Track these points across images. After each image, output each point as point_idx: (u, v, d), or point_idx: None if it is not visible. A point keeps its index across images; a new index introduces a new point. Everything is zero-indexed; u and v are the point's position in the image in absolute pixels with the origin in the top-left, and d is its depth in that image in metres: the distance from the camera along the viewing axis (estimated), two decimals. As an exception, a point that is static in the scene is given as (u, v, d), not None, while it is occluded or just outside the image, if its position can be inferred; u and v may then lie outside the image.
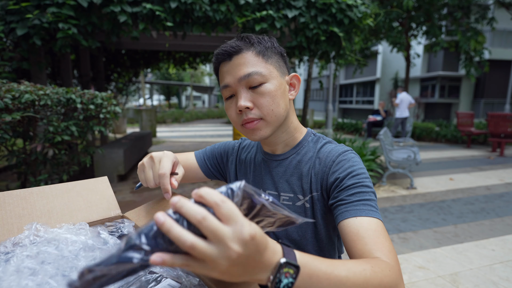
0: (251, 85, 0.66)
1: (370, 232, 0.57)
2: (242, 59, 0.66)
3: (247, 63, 0.66)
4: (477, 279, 2.15)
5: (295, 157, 0.75)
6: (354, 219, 0.59)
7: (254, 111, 0.67)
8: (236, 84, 0.67)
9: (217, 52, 0.69)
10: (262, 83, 0.66)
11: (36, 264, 0.51)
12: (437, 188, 4.41)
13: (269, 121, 0.68)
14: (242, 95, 0.66)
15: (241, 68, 0.66)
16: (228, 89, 0.68)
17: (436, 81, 15.54)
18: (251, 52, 0.67)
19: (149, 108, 15.11)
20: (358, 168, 0.66)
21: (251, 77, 0.65)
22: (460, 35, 8.49)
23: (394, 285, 0.49)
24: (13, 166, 3.05)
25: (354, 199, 0.62)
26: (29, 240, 0.58)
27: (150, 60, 7.62)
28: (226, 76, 0.68)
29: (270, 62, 0.69)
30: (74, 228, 0.65)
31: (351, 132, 11.37)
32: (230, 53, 0.67)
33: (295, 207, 0.72)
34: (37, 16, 2.92)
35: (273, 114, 0.67)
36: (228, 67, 0.67)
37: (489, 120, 7.43)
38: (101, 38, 4.37)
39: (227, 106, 0.71)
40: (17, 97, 2.28)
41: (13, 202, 0.70)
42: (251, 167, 0.84)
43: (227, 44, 0.68)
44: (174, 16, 3.38)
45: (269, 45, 0.70)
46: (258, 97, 0.66)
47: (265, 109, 0.66)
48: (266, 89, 0.66)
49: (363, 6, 3.99)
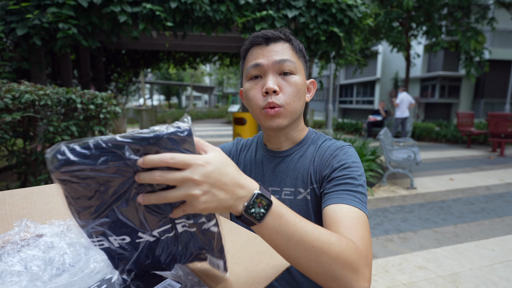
0: (282, 71, 0.69)
1: (347, 219, 0.57)
2: (279, 47, 0.70)
3: (283, 52, 0.69)
4: (477, 279, 2.15)
5: (298, 153, 0.77)
6: (334, 205, 0.61)
7: (279, 96, 0.68)
8: (269, 66, 0.68)
9: (254, 35, 0.71)
10: (293, 73, 0.70)
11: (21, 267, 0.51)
12: (437, 188, 4.41)
13: (289, 110, 0.70)
14: (271, 78, 0.68)
15: (277, 53, 0.69)
16: (257, 69, 0.70)
17: (436, 81, 15.53)
18: (287, 44, 0.71)
19: (149, 108, 15.11)
20: (351, 162, 0.68)
21: (285, 63, 0.68)
22: (460, 35, 8.49)
23: (355, 264, 0.48)
24: (13, 166, 3.05)
25: (339, 189, 0.64)
26: (19, 237, 0.58)
27: (150, 60, 7.62)
28: (259, 57, 0.70)
29: (300, 60, 0.73)
30: (64, 224, 0.65)
31: (351, 132, 11.37)
32: (268, 38, 0.70)
33: (297, 201, 0.73)
34: (37, 16, 2.92)
35: (294, 105, 0.70)
36: (264, 50, 0.70)
37: (489, 120, 7.43)
38: (101, 38, 4.37)
39: (249, 86, 0.72)
40: (17, 97, 2.28)
41: (13, 202, 0.70)
42: (251, 166, 0.84)
43: (267, 31, 0.71)
44: (174, 16, 3.38)
45: (301, 47, 0.75)
46: (285, 84, 0.69)
47: (288, 98, 0.69)
48: (294, 80, 0.69)
49: (363, 6, 3.99)
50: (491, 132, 7.43)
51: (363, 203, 0.62)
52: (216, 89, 34.02)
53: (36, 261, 0.52)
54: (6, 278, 0.47)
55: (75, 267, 0.51)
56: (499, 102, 15.01)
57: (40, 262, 0.52)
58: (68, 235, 0.61)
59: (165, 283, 0.49)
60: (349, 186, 0.64)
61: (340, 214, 0.58)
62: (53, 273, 0.50)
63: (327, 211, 0.61)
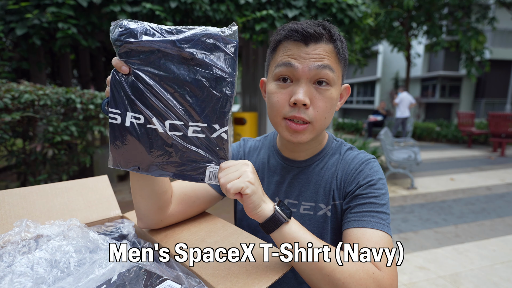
0: (318, 79, 0.59)
1: (370, 244, 0.54)
2: (320, 49, 0.58)
3: (325, 55, 0.58)
4: (478, 280, 2.14)
5: (318, 164, 0.70)
6: (358, 229, 0.57)
7: (309, 111, 0.59)
8: (304, 72, 0.58)
9: (293, 27, 0.59)
10: (329, 83, 0.60)
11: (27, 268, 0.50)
12: (437, 188, 4.41)
13: (317, 127, 0.61)
14: (304, 88, 0.58)
15: (317, 57, 0.58)
16: (289, 70, 0.59)
17: (436, 81, 15.53)
18: (331, 45, 0.59)
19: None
20: (378, 179, 0.63)
21: (324, 70, 0.58)
22: (461, 34, 8.49)
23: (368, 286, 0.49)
24: (12, 166, 3.05)
25: (363, 209, 0.59)
26: (20, 237, 0.58)
27: (150, 60, 7.61)
28: (294, 56, 0.59)
29: (341, 65, 0.62)
30: (65, 224, 0.64)
31: (351, 132, 11.36)
32: (308, 37, 0.58)
33: (317, 217, 0.68)
34: (36, 16, 2.92)
35: (324, 122, 0.62)
36: (301, 50, 0.58)
37: (490, 120, 7.42)
38: (101, 38, 4.36)
39: (275, 89, 0.61)
40: (16, 97, 2.28)
41: (13, 201, 0.69)
42: (264, 172, 0.76)
43: (308, 25, 0.58)
44: (174, 16, 3.37)
45: (344, 48, 0.62)
46: (319, 97, 0.59)
47: (320, 114, 0.60)
48: (329, 94, 0.60)
49: (364, 6, 3.99)
50: (492, 132, 7.42)
51: (387, 224, 0.58)
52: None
53: (43, 264, 0.51)
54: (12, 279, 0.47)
55: (80, 270, 0.51)
56: (499, 102, 15.01)
57: (47, 265, 0.51)
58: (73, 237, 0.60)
59: (165, 284, 0.49)
60: (373, 207, 0.59)
61: (363, 240, 0.55)
62: (58, 276, 0.50)
63: (349, 234, 0.58)
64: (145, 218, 0.66)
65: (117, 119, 0.50)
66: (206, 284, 0.50)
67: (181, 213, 0.70)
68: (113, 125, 0.51)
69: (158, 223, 0.67)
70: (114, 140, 0.52)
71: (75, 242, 0.58)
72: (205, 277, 0.51)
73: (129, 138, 0.51)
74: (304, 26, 0.58)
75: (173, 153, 0.51)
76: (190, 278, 0.51)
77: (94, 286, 0.48)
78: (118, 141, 0.52)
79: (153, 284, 0.49)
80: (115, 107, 0.50)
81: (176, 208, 0.68)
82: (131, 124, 0.51)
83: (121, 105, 0.50)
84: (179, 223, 0.71)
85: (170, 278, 0.50)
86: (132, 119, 0.50)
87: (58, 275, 0.50)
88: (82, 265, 0.53)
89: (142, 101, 0.50)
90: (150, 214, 0.65)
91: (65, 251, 0.55)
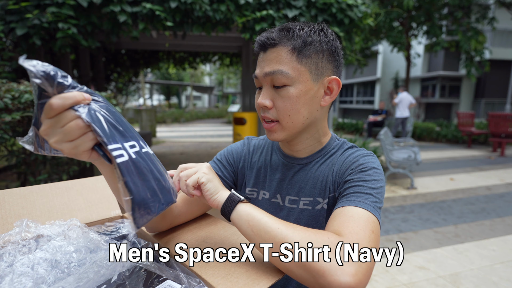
0: (274, 84, 0.63)
1: (343, 217, 0.53)
2: (274, 53, 0.62)
3: (277, 60, 0.62)
4: (478, 280, 2.15)
5: (319, 161, 0.72)
6: (340, 208, 0.56)
7: (272, 111, 0.65)
8: (262, 79, 0.64)
9: (257, 40, 0.66)
10: (286, 85, 0.62)
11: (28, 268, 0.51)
12: (437, 188, 4.41)
13: (284, 126, 0.65)
14: (264, 92, 0.65)
15: (270, 63, 0.63)
16: (256, 80, 0.67)
17: (436, 81, 15.52)
18: (286, 47, 0.62)
19: (149, 108, 15.11)
20: (370, 167, 0.62)
21: (274, 75, 0.62)
22: (461, 35, 8.49)
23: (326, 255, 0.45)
24: (13, 166, 3.05)
25: (350, 192, 0.59)
26: (20, 237, 0.58)
27: (150, 60, 7.61)
28: (258, 67, 0.66)
29: (304, 63, 0.62)
30: (65, 224, 0.65)
31: (351, 132, 11.36)
32: (265, 45, 0.64)
33: (315, 211, 0.69)
34: (36, 16, 2.92)
35: (290, 120, 0.64)
36: (261, 59, 0.65)
37: (489, 120, 7.42)
38: (101, 38, 4.36)
39: (256, 97, 0.69)
40: (16, 97, 2.28)
41: (13, 201, 0.69)
42: (266, 170, 0.77)
43: (267, 34, 0.64)
44: (174, 16, 3.37)
45: (313, 40, 0.62)
46: (278, 98, 0.63)
47: (281, 113, 0.64)
48: (287, 93, 0.62)
49: (364, 6, 3.98)
50: (492, 132, 7.43)
51: (372, 204, 0.55)
52: (216, 89, 34.02)
53: (43, 264, 0.51)
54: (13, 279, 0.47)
55: (80, 270, 0.51)
56: (499, 102, 15.01)
57: (47, 265, 0.51)
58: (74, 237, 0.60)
59: (165, 284, 0.49)
60: (360, 189, 0.58)
61: (339, 214, 0.54)
62: (58, 276, 0.50)
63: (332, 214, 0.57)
64: (153, 225, 0.67)
65: (123, 155, 0.43)
66: (206, 284, 0.50)
67: (187, 213, 0.71)
68: (123, 165, 0.43)
69: (167, 226, 0.68)
70: (133, 183, 0.43)
71: (75, 242, 0.58)
72: (205, 277, 0.51)
73: (144, 172, 0.44)
74: (262, 36, 0.64)
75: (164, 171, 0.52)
76: (190, 278, 0.51)
77: (94, 286, 0.48)
78: (136, 182, 0.43)
79: (153, 284, 0.49)
80: (113, 141, 0.43)
81: (182, 209, 0.70)
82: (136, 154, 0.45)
83: (115, 138, 0.43)
84: (179, 224, 0.72)
85: (170, 278, 0.50)
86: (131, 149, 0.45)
87: (58, 275, 0.50)
88: (82, 265, 0.53)
89: (123, 126, 0.45)
90: (158, 222, 0.66)
91: (66, 251, 0.55)
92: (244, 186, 0.80)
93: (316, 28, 0.64)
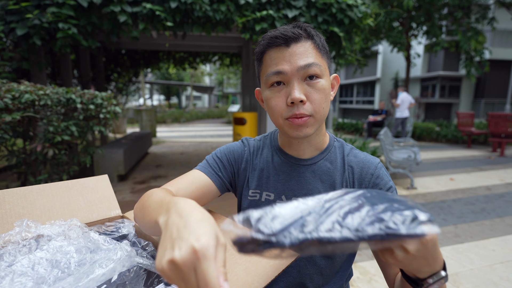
0: (308, 75, 0.63)
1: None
2: (302, 47, 0.62)
3: (307, 53, 0.62)
4: (478, 280, 2.15)
5: (324, 163, 0.72)
6: None
7: (307, 106, 0.63)
8: (294, 73, 0.62)
9: (272, 35, 0.63)
10: (319, 77, 0.63)
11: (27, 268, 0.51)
12: (437, 188, 4.41)
13: (318, 118, 0.65)
14: (297, 86, 0.62)
15: (302, 57, 0.62)
16: (280, 76, 0.63)
17: (436, 81, 15.52)
18: (310, 42, 0.63)
19: (149, 108, 15.11)
20: (393, 184, 0.69)
21: (311, 67, 0.61)
22: (461, 35, 8.49)
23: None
24: (13, 166, 3.05)
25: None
26: (20, 237, 0.58)
27: (150, 60, 7.62)
28: (280, 62, 0.62)
29: (325, 58, 0.66)
30: (65, 224, 0.65)
31: (351, 132, 11.36)
32: (288, 39, 0.62)
33: None
34: (37, 16, 2.92)
35: (323, 112, 0.65)
36: (285, 53, 0.62)
37: (489, 120, 7.42)
38: (101, 38, 4.36)
39: (271, 95, 0.65)
40: (17, 97, 2.28)
41: (13, 201, 0.69)
42: (268, 171, 0.76)
43: (285, 29, 0.63)
44: (174, 16, 3.37)
45: (323, 42, 0.67)
46: (312, 91, 0.63)
47: (317, 105, 0.63)
48: (321, 85, 0.63)
49: (364, 6, 3.99)
50: (492, 132, 7.43)
51: None
52: (216, 89, 34.02)
53: (44, 264, 0.51)
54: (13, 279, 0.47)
55: (80, 270, 0.51)
56: (499, 102, 15.01)
57: (47, 265, 0.52)
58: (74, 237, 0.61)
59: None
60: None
61: None
62: (59, 276, 0.50)
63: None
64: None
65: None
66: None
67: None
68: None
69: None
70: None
71: (76, 242, 0.58)
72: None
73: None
74: (281, 31, 0.63)
75: None
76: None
77: (95, 286, 0.48)
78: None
79: (153, 284, 0.49)
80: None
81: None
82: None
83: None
84: None
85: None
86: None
87: (58, 275, 0.50)
88: (82, 265, 0.53)
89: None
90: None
91: (66, 251, 0.55)
92: (246, 187, 0.79)
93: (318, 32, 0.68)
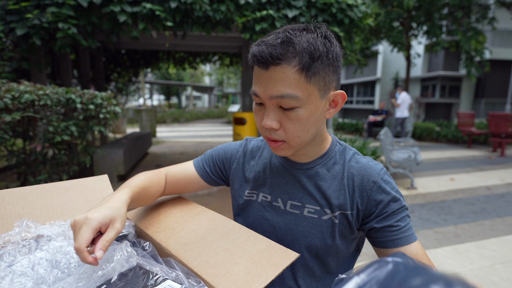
0: (281, 106, 0.57)
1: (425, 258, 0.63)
2: (280, 74, 0.55)
3: (284, 81, 0.55)
4: (478, 280, 2.14)
5: (322, 168, 0.70)
6: (409, 246, 0.63)
7: (279, 132, 0.60)
8: (267, 100, 0.58)
9: (254, 53, 0.56)
10: (295, 107, 0.57)
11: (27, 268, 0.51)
12: (437, 188, 4.41)
13: (293, 145, 0.62)
14: (270, 113, 0.59)
15: (276, 85, 0.55)
16: (257, 98, 0.60)
17: (436, 81, 15.53)
18: (292, 66, 0.54)
19: (149, 108, 15.11)
20: (397, 191, 0.67)
21: (283, 99, 0.56)
22: (461, 35, 8.48)
23: None
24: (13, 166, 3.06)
25: (402, 225, 0.64)
26: (20, 237, 0.58)
27: (150, 60, 7.62)
28: (258, 84, 0.58)
29: (313, 82, 0.56)
30: (65, 224, 0.65)
31: (351, 132, 11.36)
32: (267, 63, 0.55)
33: (321, 221, 0.67)
34: (36, 16, 2.92)
35: (299, 140, 0.61)
36: (263, 76, 0.57)
37: (489, 120, 7.42)
38: (101, 38, 4.36)
39: (255, 110, 0.63)
40: (16, 97, 2.28)
41: (13, 201, 0.69)
42: (266, 173, 0.76)
43: (268, 47, 0.54)
44: (174, 16, 3.37)
45: (320, 53, 0.55)
46: (286, 120, 0.58)
47: (290, 135, 0.60)
48: (297, 115, 0.57)
49: (364, 6, 3.99)
50: (492, 132, 7.42)
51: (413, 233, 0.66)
52: (216, 89, 34.03)
53: (44, 264, 0.51)
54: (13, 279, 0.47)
55: (80, 271, 0.51)
56: (499, 102, 15.01)
57: (47, 265, 0.51)
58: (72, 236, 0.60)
59: (165, 284, 0.49)
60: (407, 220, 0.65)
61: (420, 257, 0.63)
62: (58, 277, 0.50)
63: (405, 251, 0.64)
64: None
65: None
66: (206, 284, 0.50)
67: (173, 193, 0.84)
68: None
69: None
70: None
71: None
72: (205, 277, 0.51)
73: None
74: (261, 48, 0.54)
75: None
76: (190, 278, 0.51)
77: (94, 286, 0.48)
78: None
79: (153, 284, 0.49)
80: None
81: (168, 192, 0.82)
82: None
83: None
84: (179, 222, 0.72)
85: (170, 278, 0.50)
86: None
87: (58, 276, 0.50)
88: (82, 265, 0.53)
89: None
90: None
91: (66, 252, 0.55)
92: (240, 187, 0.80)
93: (319, 35, 0.57)
